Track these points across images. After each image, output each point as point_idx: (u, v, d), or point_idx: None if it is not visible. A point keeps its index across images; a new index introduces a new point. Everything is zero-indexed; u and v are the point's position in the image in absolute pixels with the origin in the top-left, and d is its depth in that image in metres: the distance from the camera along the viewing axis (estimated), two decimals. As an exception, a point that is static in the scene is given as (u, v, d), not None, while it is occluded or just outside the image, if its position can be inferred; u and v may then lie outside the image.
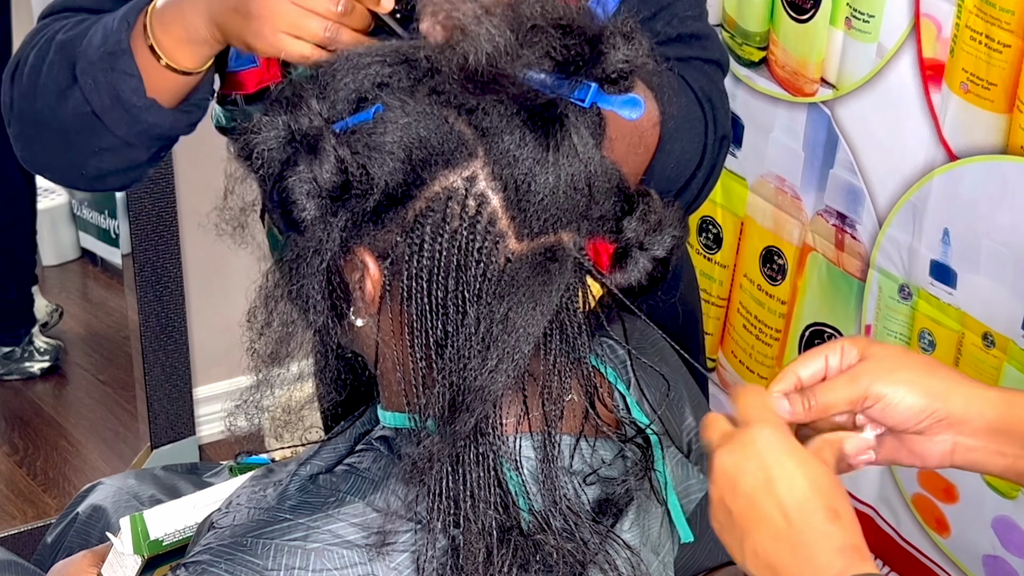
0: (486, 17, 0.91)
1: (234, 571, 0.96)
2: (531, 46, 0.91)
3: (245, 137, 0.95)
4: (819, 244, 2.01)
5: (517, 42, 0.90)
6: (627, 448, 1.07)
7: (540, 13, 0.91)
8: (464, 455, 0.96)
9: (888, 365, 0.96)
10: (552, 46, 0.91)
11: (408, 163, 0.93)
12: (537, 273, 0.95)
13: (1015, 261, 1.68)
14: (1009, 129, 1.65)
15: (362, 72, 0.96)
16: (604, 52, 0.93)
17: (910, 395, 0.95)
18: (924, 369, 0.97)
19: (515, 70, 0.90)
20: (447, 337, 0.95)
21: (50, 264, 3.16)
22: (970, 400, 0.96)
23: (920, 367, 0.97)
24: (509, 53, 0.90)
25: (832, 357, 0.98)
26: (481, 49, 0.89)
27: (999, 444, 0.97)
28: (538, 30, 0.91)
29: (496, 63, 0.90)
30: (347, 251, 0.97)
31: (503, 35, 0.90)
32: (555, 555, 0.98)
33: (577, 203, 0.96)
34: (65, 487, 2.63)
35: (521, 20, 0.91)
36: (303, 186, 0.93)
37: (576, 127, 0.95)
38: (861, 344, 0.98)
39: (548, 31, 0.91)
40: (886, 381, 0.95)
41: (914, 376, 0.96)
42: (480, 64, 0.90)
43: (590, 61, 0.93)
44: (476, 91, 0.92)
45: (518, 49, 0.90)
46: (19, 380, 2.91)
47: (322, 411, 1.20)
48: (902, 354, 0.99)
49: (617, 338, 1.10)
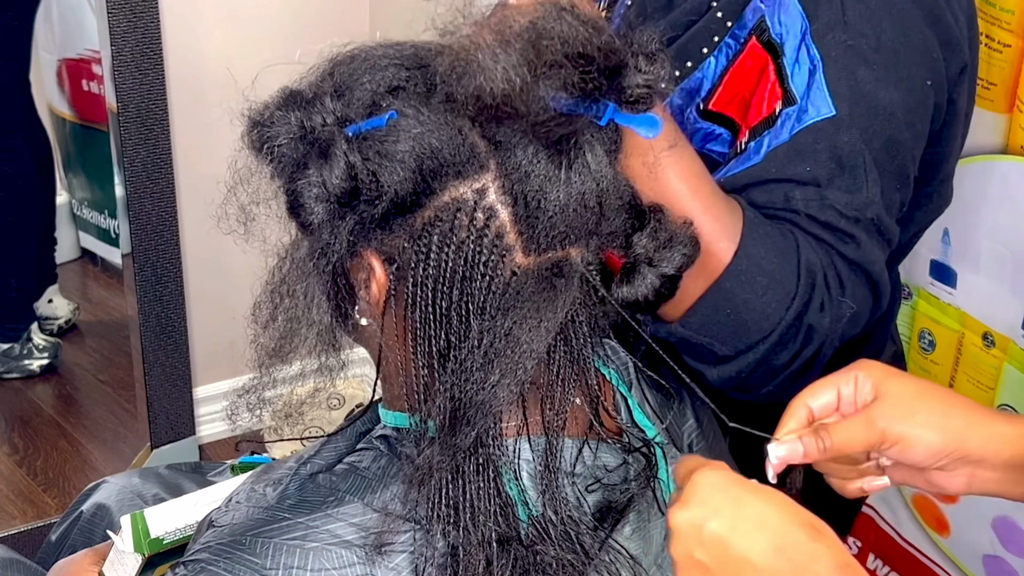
0: (503, 52, 0.88)
1: (233, 569, 0.96)
2: (548, 79, 0.88)
3: (259, 130, 0.95)
4: (819, 244, 2.01)
5: (533, 78, 0.88)
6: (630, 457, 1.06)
7: (560, 48, 0.89)
8: (464, 466, 0.96)
9: (905, 407, 0.94)
10: (570, 80, 0.89)
11: (418, 172, 0.92)
12: (543, 288, 0.95)
13: (1015, 261, 1.68)
14: (1009, 129, 1.65)
15: (379, 73, 0.95)
16: (625, 76, 0.92)
17: (928, 437, 0.94)
18: (940, 409, 0.95)
19: (529, 107, 0.89)
20: (450, 348, 0.95)
21: (50, 264, 3.16)
22: (987, 440, 0.95)
23: (936, 406, 0.95)
24: (524, 92, 0.88)
25: (845, 388, 0.97)
26: (497, 88, 0.88)
27: (1016, 476, 0.96)
28: (556, 64, 0.88)
29: (511, 103, 0.88)
30: (354, 253, 0.96)
31: (520, 74, 0.87)
32: (555, 565, 0.97)
33: (587, 220, 0.95)
34: (65, 487, 2.63)
35: (540, 53, 0.88)
36: (312, 189, 0.93)
37: (591, 144, 0.94)
38: (876, 375, 0.96)
39: (567, 66, 0.89)
40: (904, 425, 0.94)
41: (931, 418, 0.94)
42: (495, 101, 0.88)
43: (608, 89, 0.91)
44: (490, 121, 0.91)
45: (533, 88, 0.88)
46: (19, 380, 2.91)
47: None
48: (918, 394, 0.96)
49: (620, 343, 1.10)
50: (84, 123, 2.91)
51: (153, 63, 2.30)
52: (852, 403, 0.97)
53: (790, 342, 1.12)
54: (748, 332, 1.11)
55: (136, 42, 2.27)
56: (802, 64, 1.18)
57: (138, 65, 2.29)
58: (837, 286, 1.14)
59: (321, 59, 0.98)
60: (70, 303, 3.03)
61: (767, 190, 1.15)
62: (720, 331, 1.11)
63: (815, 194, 1.14)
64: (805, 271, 1.11)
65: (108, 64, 2.29)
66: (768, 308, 1.10)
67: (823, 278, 1.12)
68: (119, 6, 2.24)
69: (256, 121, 0.96)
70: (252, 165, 0.97)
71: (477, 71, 0.88)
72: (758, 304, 1.10)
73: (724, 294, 1.10)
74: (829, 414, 0.97)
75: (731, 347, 1.12)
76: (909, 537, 1.96)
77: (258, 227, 1.00)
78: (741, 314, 1.10)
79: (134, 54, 2.28)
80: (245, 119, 0.96)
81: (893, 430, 0.93)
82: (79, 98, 2.88)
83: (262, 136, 0.95)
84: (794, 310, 1.10)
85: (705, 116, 1.26)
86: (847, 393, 0.97)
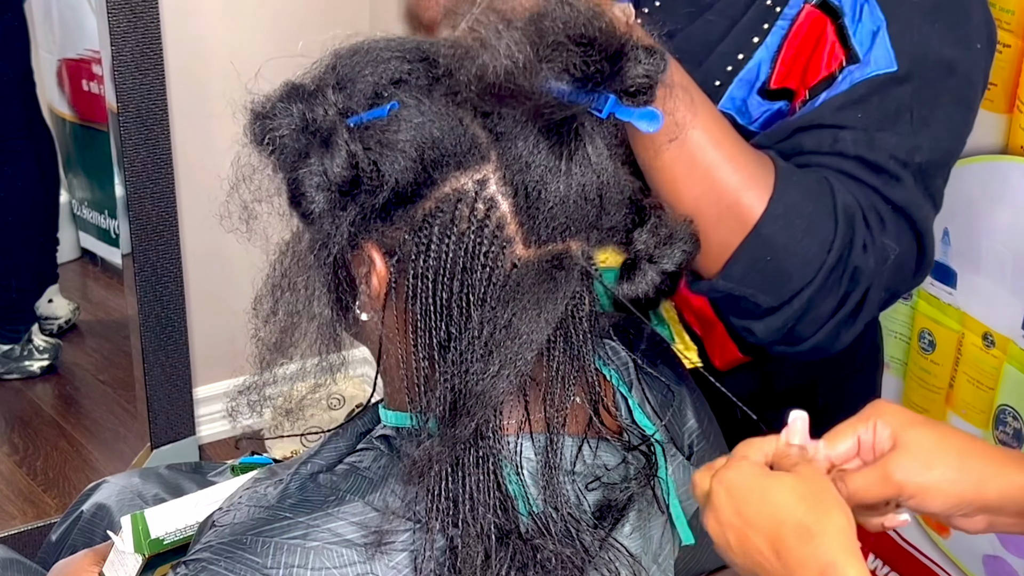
0: (507, 31, 0.89)
1: (234, 569, 0.96)
2: (550, 61, 0.89)
3: (261, 122, 0.96)
4: (819, 244, 2.01)
5: (536, 57, 0.89)
6: (630, 456, 1.07)
7: (562, 28, 0.89)
8: (464, 458, 0.96)
9: (922, 461, 0.94)
10: (572, 62, 0.90)
11: (420, 162, 0.93)
12: (543, 280, 0.95)
13: (1015, 261, 1.68)
14: (1009, 129, 1.65)
15: (381, 66, 0.96)
16: (625, 66, 0.92)
17: (946, 490, 0.94)
18: (957, 462, 0.95)
19: (532, 85, 0.89)
20: (450, 339, 0.95)
21: (50, 264, 3.16)
22: (1005, 489, 0.95)
23: (953, 459, 0.95)
24: (528, 69, 0.88)
25: (864, 435, 0.97)
26: (500, 64, 0.88)
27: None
28: (558, 45, 0.89)
29: (514, 80, 0.89)
30: (355, 245, 0.97)
31: (523, 51, 0.88)
32: (553, 560, 0.98)
33: (587, 213, 0.96)
34: (65, 487, 2.63)
35: (543, 33, 0.89)
36: (313, 178, 0.93)
37: (591, 137, 0.95)
38: (894, 423, 0.96)
39: (568, 47, 0.89)
40: (921, 479, 0.94)
41: (948, 472, 0.94)
42: (498, 79, 0.89)
43: (610, 75, 0.92)
44: (492, 102, 0.92)
45: (536, 65, 0.89)
46: (19, 380, 2.91)
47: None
48: (936, 446, 0.96)
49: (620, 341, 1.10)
50: (84, 123, 2.91)
51: (153, 63, 2.30)
52: (871, 449, 0.97)
53: (835, 286, 1.11)
54: (790, 279, 1.10)
55: (136, 42, 2.28)
56: (864, 23, 1.18)
57: (138, 65, 2.29)
58: (878, 225, 1.13)
59: (323, 52, 0.99)
60: (70, 303, 3.03)
61: (816, 135, 1.15)
62: (762, 281, 1.11)
63: (864, 136, 1.14)
64: (842, 212, 1.10)
65: (108, 64, 2.29)
66: (808, 252, 1.10)
67: (862, 218, 1.12)
68: (119, 6, 2.24)
69: (258, 113, 0.96)
70: (254, 162, 0.97)
71: (480, 50, 0.89)
72: (798, 248, 1.09)
73: (762, 241, 1.10)
74: (849, 460, 0.98)
75: (775, 296, 1.12)
76: (909, 537, 1.96)
77: (260, 225, 1.00)
78: (782, 261, 1.10)
79: (134, 54, 2.28)
80: (247, 112, 0.97)
81: (911, 483, 0.94)
82: (79, 98, 2.88)
83: (264, 128, 0.95)
84: (836, 252, 1.10)
85: (768, 96, 1.26)
86: (866, 439, 0.97)
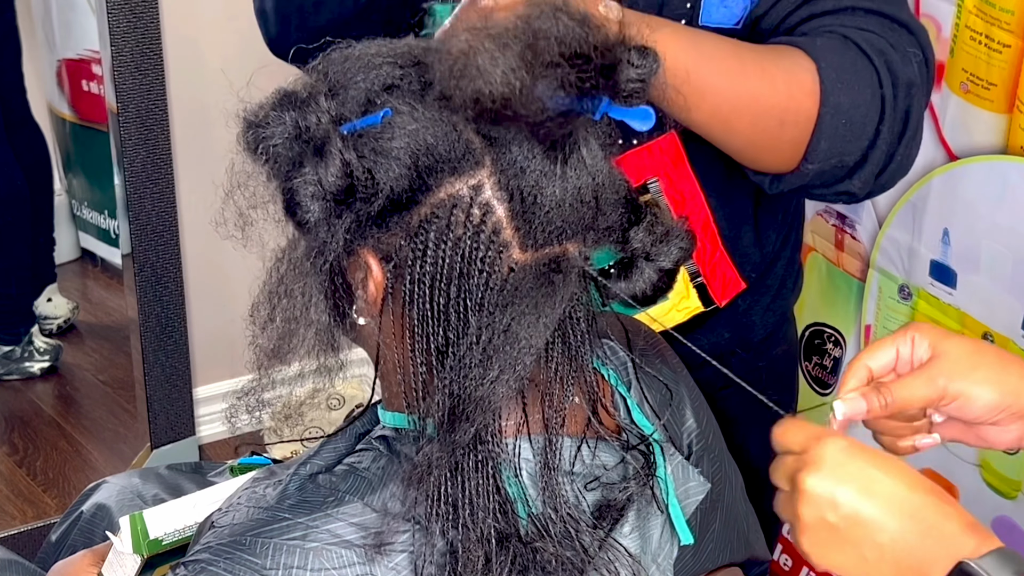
0: (501, 55, 0.88)
1: (233, 570, 0.96)
2: (545, 80, 0.88)
3: (254, 131, 0.95)
4: (819, 244, 2.01)
5: (532, 80, 0.88)
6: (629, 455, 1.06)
7: (557, 47, 0.89)
8: (463, 462, 0.96)
9: (964, 364, 0.98)
10: (568, 80, 0.89)
11: (414, 169, 0.93)
12: (541, 284, 0.95)
13: (1015, 261, 1.68)
14: (1009, 129, 1.65)
15: (373, 72, 0.95)
16: (619, 73, 0.92)
17: (986, 393, 0.97)
18: (998, 366, 0.99)
19: (529, 110, 0.89)
20: (448, 345, 0.95)
21: (50, 264, 3.16)
22: None
23: (994, 364, 0.99)
24: (524, 95, 0.88)
25: (903, 348, 1.00)
26: (497, 91, 0.87)
27: None
28: (555, 65, 0.88)
29: (510, 106, 0.88)
30: (351, 252, 0.96)
31: (519, 76, 0.87)
32: (554, 562, 0.97)
33: (583, 215, 0.95)
34: (65, 487, 2.63)
35: (538, 54, 0.88)
36: (308, 188, 0.93)
37: (586, 139, 0.94)
38: (932, 336, 0.99)
39: (564, 66, 0.89)
40: (964, 381, 0.97)
41: (989, 374, 0.98)
42: (494, 105, 0.88)
43: (605, 84, 0.92)
44: (488, 123, 0.91)
45: (532, 90, 0.88)
46: (19, 380, 2.91)
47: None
48: (975, 351, 0.99)
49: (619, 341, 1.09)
50: (84, 123, 2.91)
51: (153, 63, 2.30)
52: (909, 363, 1.00)
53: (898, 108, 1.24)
54: (865, 127, 1.23)
55: (136, 42, 2.27)
56: None
57: (138, 65, 2.29)
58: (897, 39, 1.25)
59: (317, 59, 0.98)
60: (69, 302, 3.03)
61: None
62: (845, 144, 1.23)
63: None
64: (869, 46, 1.23)
65: (108, 64, 2.29)
66: (866, 95, 1.22)
67: (887, 42, 1.24)
68: (119, 6, 2.24)
69: (251, 122, 0.96)
70: (249, 168, 0.97)
71: (476, 75, 0.88)
72: (860, 99, 1.22)
73: (833, 109, 1.21)
74: (887, 373, 1.01)
75: (859, 150, 1.23)
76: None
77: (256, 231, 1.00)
78: (852, 117, 1.22)
79: (134, 54, 2.28)
80: (240, 120, 0.96)
81: (953, 386, 0.97)
82: (79, 98, 2.88)
83: (257, 137, 0.95)
84: (887, 80, 1.22)
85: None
86: (904, 353, 1.00)
